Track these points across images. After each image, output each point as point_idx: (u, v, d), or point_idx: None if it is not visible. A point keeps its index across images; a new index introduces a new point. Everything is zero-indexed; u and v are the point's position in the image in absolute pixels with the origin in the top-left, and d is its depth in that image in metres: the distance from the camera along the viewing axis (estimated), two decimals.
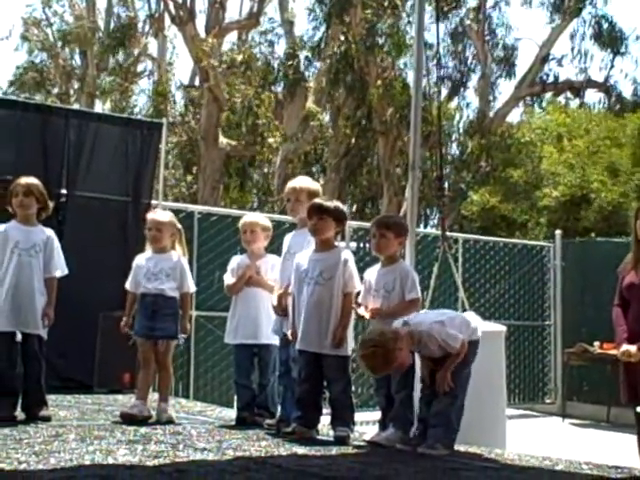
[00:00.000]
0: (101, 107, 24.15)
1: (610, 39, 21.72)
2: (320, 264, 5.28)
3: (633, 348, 5.35)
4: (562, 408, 12.02)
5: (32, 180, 5.93)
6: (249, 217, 6.44)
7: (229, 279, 6.26)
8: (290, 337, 5.40)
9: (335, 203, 5.47)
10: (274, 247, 6.50)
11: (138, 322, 6.04)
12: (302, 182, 5.95)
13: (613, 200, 15.83)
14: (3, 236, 5.80)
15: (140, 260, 6.20)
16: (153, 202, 8.95)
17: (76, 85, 24.64)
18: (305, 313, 5.25)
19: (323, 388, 5.41)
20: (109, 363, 7.97)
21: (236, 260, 6.34)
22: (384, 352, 4.68)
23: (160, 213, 6.43)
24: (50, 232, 5.98)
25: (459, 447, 4.93)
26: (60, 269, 5.95)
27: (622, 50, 21.84)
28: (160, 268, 6.07)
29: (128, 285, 6.21)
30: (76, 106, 20.68)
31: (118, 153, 8.76)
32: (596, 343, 11.21)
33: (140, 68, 26.37)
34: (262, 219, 6.37)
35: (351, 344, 5.36)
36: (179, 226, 6.29)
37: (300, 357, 5.30)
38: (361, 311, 5.31)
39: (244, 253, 6.42)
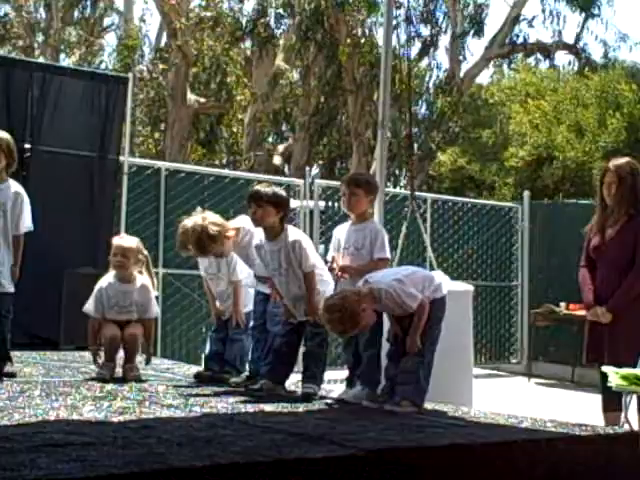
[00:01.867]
0: (66, 61, 23.74)
1: (582, 0, 21.66)
2: (275, 256, 5.25)
3: (602, 310, 5.41)
4: (528, 368, 12.14)
5: (2, 134, 5.78)
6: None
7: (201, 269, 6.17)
8: (284, 318, 5.39)
9: (273, 189, 5.34)
10: (242, 204, 6.37)
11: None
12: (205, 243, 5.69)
13: (577, 158, 15.89)
14: None
15: (105, 285, 5.99)
16: (120, 158, 8.85)
17: (40, 38, 24.18)
18: (285, 297, 5.31)
19: (299, 345, 5.41)
20: (75, 320, 7.87)
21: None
22: (350, 315, 4.66)
23: (126, 239, 6.24)
24: (19, 187, 5.86)
25: (426, 405, 4.95)
26: (27, 226, 5.86)
27: (595, 12, 21.79)
28: (129, 302, 5.98)
29: (92, 311, 5.97)
30: (41, 60, 20.29)
31: (83, 108, 8.62)
32: (562, 304, 11.31)
33: (106, 22, 25.94)
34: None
35: None
36: (145, 252, 6.15)
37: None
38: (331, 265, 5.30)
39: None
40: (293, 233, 5.32)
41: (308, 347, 5.33)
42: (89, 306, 5.99)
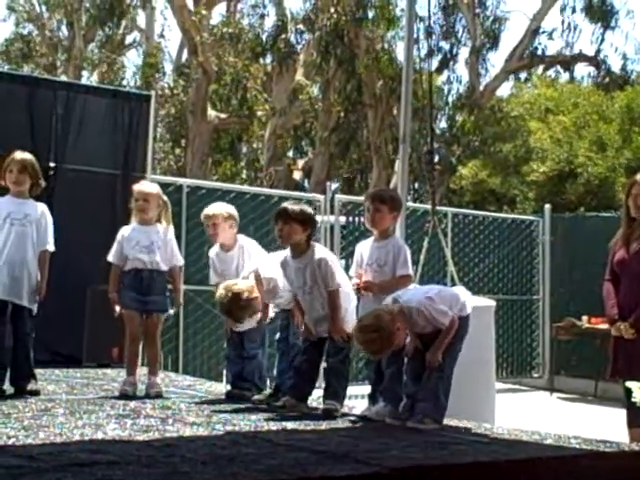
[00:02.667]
0: (88, 79, 23.96)
1: (601, 12, 21.64)
2: (300, 273, 5.26)
3: (625, 325, 5.37)
4: (550, 382, 12.08)
5: (27, 156, 5.89)
6: (209, 210, 6.10)
7: (212, 278, 6.18)
8: (303, 336, 5.41)
9: (301, 207, 5.37)
10: (263, 221, 6.42)
11: (128, 296, 5.98)
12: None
13: (600, 174, 15.76)
14: None
15: (126, 232, 6.09)
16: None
17: (63, 57, 24.41)
18: (308, 314, 5.32)
19: (320, 361, 5.42)
20: (98, 337, 7.96)
21: (212, 254, 6.18)
22: (387, 335, 4.66)
23: (147, 185, 6.41)
24: (43, 207, 5.95)
25: (449, 421, 4.94)
26: (51, 244, 5.93)
27: (612, 24, 21.77)
28: (152, 241, 6.03)
29: (113, 258, 6.07)
30: (63, 78, 20.48)
31: (107, 125, 8.69)
32: (584, 317, 11.25)
33: (128, 40, 26.15)
34: (223, 209, 6.08)
35: (352, 321, 5.34)
36: (165, 198, 6.23)
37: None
38: (354, 281, 5.29)
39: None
40: (320, 251, 5.32)
41: (330, 363, 5.33)
42: (111, 254, 6.08)
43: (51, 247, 5.92)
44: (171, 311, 6.34)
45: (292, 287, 5.39)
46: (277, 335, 5.88)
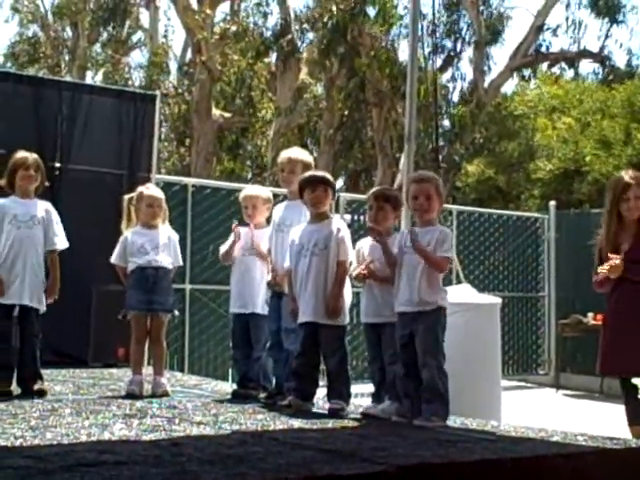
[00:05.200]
0: (93, 79, 23.98)
1: (606, 8, 21.58)
2: (315, 235, 5.29)
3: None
4: (555, 379, 12.08)
5: (34, 154, 5.93)
6: (250, 191, 6.29)
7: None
8: (291, 315, 5.37)
9: (329, 174, 5.56)
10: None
11: (134, 296, 6.00)
12: (297, 153, 5.95)
13: (607, 172, 15.68)
14: (0, 210, 5.78)
15: (130, 234, 6.11)
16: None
17: (67, 57, 24.43)
18: (303, 285, 5.26)
19: (320, 361, 5.41)
20: (103, 337, 7.97)
21: (243, 230, 6.29)
22: (437, 184, 4.99)
23: (156, 190, 6.42)
24: (48, 205, 5.97)
25: (455, 419, 4.95)
26: (61, 241, 5.93)
27: (619, 19, 21.70)
28: (156, 244, 6.06)
29: (117, 259, 6.11)
30: (68, 78, 20.49)
31: (112, 125, 8.69)
32: (590, 314, 11.24)
33: (131, 40, 26.13)
34: (263, 192, 6.25)
35: (348, 315, 5.35)
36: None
37: (300, 330, 5.30)
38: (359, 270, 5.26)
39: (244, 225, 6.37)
40: (341, 222, 5.51)
41: (329, 367, 5.32)
42: (114, 255, 6.13)
43: (60, 245, 5.93)
44: (176, 312, 6.38)
45: (295, 256, 5.33)
46: (268, 343, 5.85)
